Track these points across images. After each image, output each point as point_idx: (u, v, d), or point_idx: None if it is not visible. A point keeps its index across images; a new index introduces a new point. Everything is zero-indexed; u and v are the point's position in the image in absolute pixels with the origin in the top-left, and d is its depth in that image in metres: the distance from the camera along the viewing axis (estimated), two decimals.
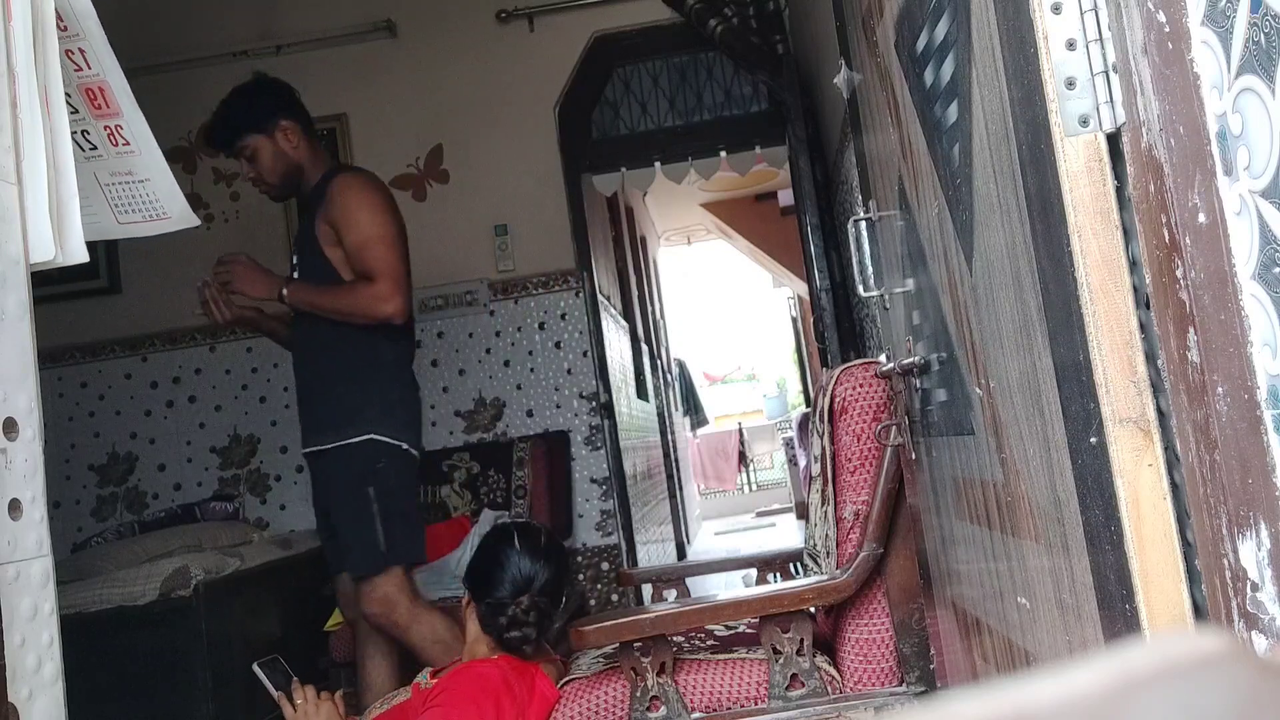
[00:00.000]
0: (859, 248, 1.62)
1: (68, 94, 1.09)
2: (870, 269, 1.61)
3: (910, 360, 1.44)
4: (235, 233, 4.19)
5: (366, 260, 2.45)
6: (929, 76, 1.15)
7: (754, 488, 10.14)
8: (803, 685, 1.72)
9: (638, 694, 1.71)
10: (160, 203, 1.29)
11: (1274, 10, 0.53)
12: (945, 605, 1.51)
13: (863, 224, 1.63)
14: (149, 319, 4.16)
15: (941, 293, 1.23)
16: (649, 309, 6.74)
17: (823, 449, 1.84)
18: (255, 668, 1.81)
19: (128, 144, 1.24)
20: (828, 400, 1.81)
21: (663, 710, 1.71)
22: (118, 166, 1.25)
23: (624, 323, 5.29)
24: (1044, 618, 0.99)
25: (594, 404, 4.07)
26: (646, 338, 6.24)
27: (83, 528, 4.03)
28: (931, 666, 1.69)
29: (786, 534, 6.93)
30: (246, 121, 2.56)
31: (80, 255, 1.12)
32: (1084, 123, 0.76)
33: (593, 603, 4.01)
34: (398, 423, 2.48)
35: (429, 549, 2.70)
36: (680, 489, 6.72)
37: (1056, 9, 0.76)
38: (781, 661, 1.72)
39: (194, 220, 1.31)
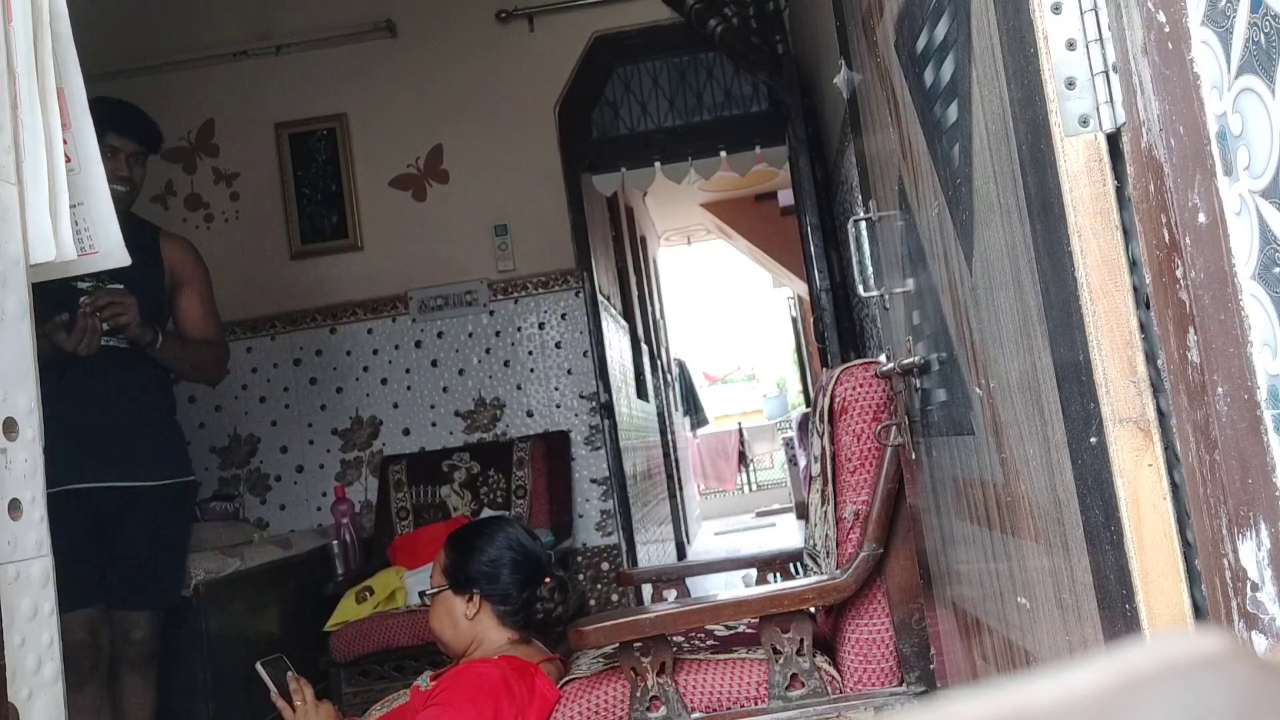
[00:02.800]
0: (859, 248, 1.62)
1: None
2: (870, 269, 1.61)
3: (910, 360, 1.44)
4: (235, 232, 4.19)
5: (207, 323, 2.75)
6: (929, 76, 1.15)
7: (754, 488, 10.14)
8: (803, 685, 1.72)
9: (638, 694, 1.71)
10: (90, 232, 1.11)
11: (1274, 10, 0.53)
12: (945, 605, 1.51)
13: (863, 224, 1.63)
14: None
15: (941, 293, 1.23)
16: (649, 309, 6.75)
17: (823, 449, 1.84)
18: (258, 666, 1.81)
19: (69, 160, 1.07)
20: (828, 400, 1.81)
21: (663, 710, 1.71)
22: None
23: (624, 323, 5.29)
24: (1044, 618, 0.99)
25: (594, 404, 4.07)
26: (646, 338, 6.24)
27: None
28: (931, 666, 1.69)
29: (786, 534, 6.93)
30: (159, 140, 2.71)
31: (122, 258, 1.11)
32: (1084, 123, 0.76)
33: (593, 603, 4.01)
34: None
35: (429, 549, 2.70)
36: (680, 489, 6.72)
37: (1056, 9, 0.76)
38: (781, 661, 1.72)
39: (124, 259, 1.13)
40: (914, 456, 1.57)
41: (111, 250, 1.12)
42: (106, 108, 2.48)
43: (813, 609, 1.79)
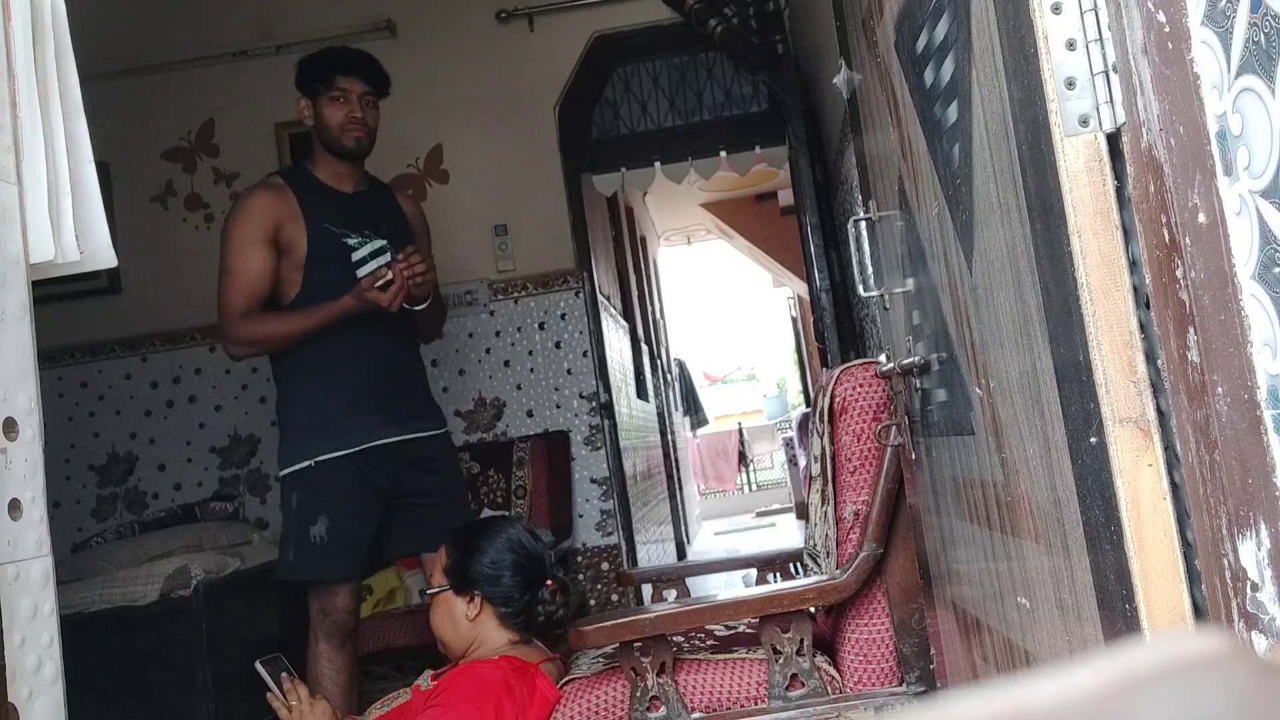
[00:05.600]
0: (859, 248, 1.62)
1: None
2: (870, 269, 1.61)
3: (910, 360, 1.44)
4: None
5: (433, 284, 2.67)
6: (929, 76, 1.15)
7: (754, 488, 10.14)
8: (803, 685, 1.72)
9: (638, 694, 1.71)
10: (78, 232, 1.08)
11: (1274, 10, 0.53)
12: (945, 605, 1.51)
13: (863, 224, 1.63)
14: (149, 319, 4.16)
15: (941, 293, 1.23)
16: (649, 309, 6.74)
17: (823, 449, 1.84)
18: (257, 665, 1.81)
19: None
20: (828, 400, 1.81)
21: (663, 710, 1.71)
22: None
23: (624, 323, 5.28)
24: (1044, 618, 0.99)
25: (594, 404, 4.07)
26: (646, 338, 6.24)
27: (83, 528, 4.03)
28: (931, 666, 1.69)
29: (786, 534, 6.93)
30: (389, 85, 2.69)
31: (108, 259, 1.11)
32: (1084, 123, 0.76)
33: (593, 603, 4.01)
34: None
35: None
36: (680, 489, 6.72)
37: (1056, 9, 0.76)
38: (781, 661, 1.72)
39: (111, 260, 1.11)
40: (914, 456, 1.57)
41: (98, 251, 1.10)
42: (331, 53, 2.60)
43: (813, 609, 1.79)
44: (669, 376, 7.55)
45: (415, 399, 2.61)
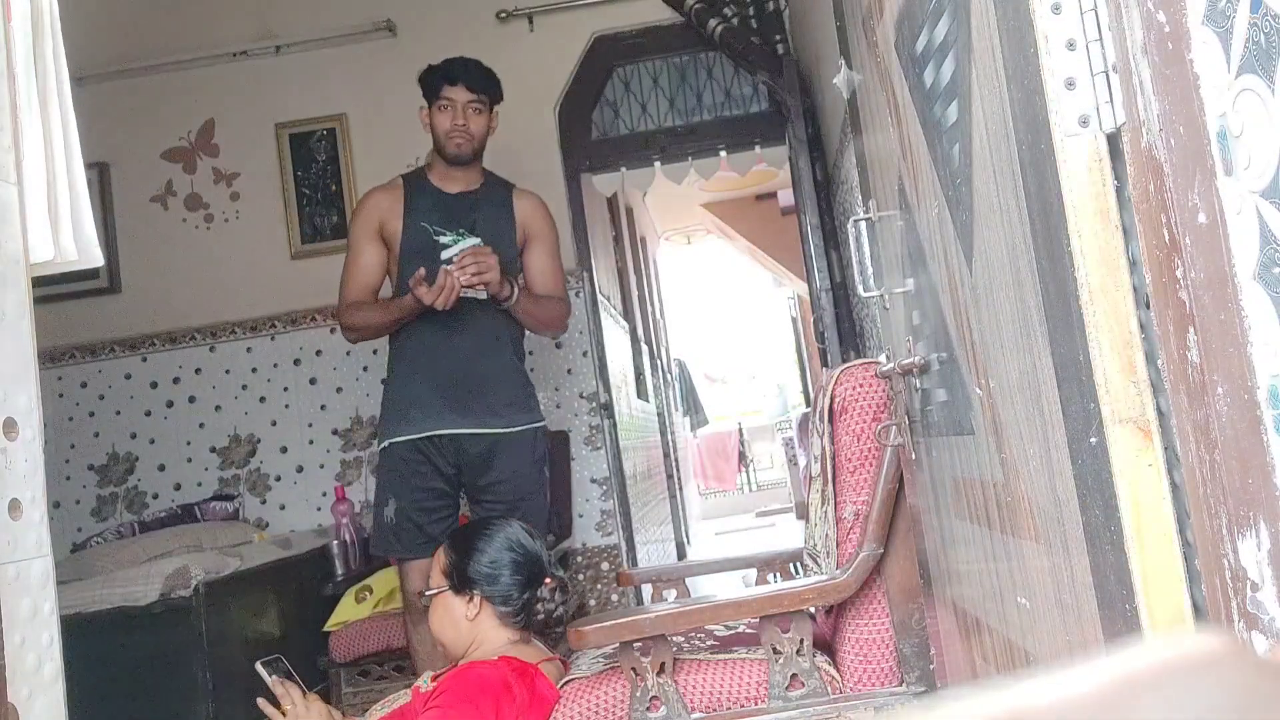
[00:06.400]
0: (859, 248, 1.62)
1: None
2: (870, 269, 1.61)
3: (910, 360, 1.44)
4: (235, 232, 4.19)
5: (557, 279, 2.83)
6: (929, 76, 1.15)
7: (754, 488, 10.13)
8: (803, 685, 1.71)
9: (638, 694, 1.71)
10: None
11: (1274, 10, 0.53)
12: (945, 605, 1.51)
13: (863, 224, 1.63)
14: (149, 319, 4.16)
15: (941, 293, 1.23)
16: (649, 309, 6.74)
17: (823, 449, 1.84)
18: (258, 666, 1.81)
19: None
20: (828, 400, 1.81)
21: (663, 710, 1.71)
22: None
23: (624, 323, 5.28)
24: (1044, 618, 0.99)
25: (594, 404, 4.07)
26: (646, 338, 6.24)
27: (83, 528, 4.03)
28: (931, 666, 1.69)
29: (786, 534, 6.93)
30: (498, 88, 2.79)
31: (95, 258, 1.11)
32: (1084, 123, 0.76)
33: (593, 603, 4.01)
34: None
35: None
36: (680, 489, 6.72)
37: (1056, 9, 0.76)
38: (781, 661, 1.72)
39: (98, 259, 1.10)
40: (914, 456, 1.57)
41: (86, 249, 1.10)
42: (444, 64, 2.75)
43: (813, 609, 1.79)
44: (669, 376, 7.55)
45: (489, 395, 2.70)
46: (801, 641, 1.72)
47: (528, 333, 2.87)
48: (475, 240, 2.65)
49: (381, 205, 2.76)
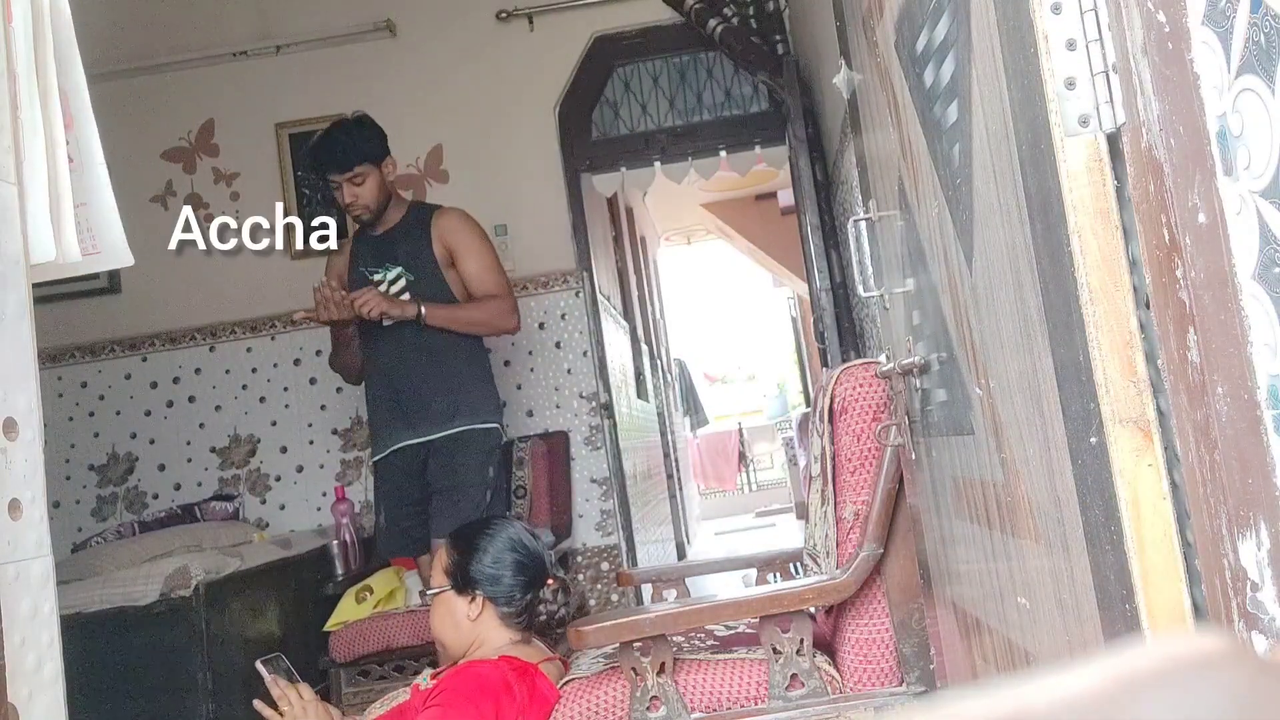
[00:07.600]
0: (859, 248, 1.62)
1: None
2: (870, 269, 1.61)
3: (910, 360, 1.44)
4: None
5: (488, 279, 2.99)
6: (929, 76, 1.15)
7: (754, 488, 10.13)
8: (802, 685, 1.71)
9: (638, 694, 1.71)
10: (94, 233, 1.10)
11: (1274, 10, 0.53)
12: (945, 605, 1.51)
13: (863, 224, 1.63)
14: (149, 319, 4.16)
15: (941, 293, 1.23)
16: (649, 309, 6.74)
17: (823, 449, 1.84)
18: (259, 665, 1.81)
19: (71, 160, 1.06)
20: (828, 400, 1.81)
21: (663, 710, 1.71)
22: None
23: (624, 323, 5.28)
24: (1044, 618, 0.99)
25: (594, 404, 4.07)
26: (646, 338, 6.24)
27: (83, 528, 4.03)
28: (931, 666, 1.69)
29: (786, 534, 6.93)
30: (366, 151, 2.95)
31: (124, 259, 1.11)
32: (1084, 123, 0.76)
33: (593, 603, 4.01)
34: (498, 410, 3.10)
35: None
36: (680, 489, 6.72)
37: (1056, 9, 0.76)
38: (781, 661, 1.72)
39: (128, 259, 1.13)
40: (914, 456, 1.57)
41: (114, 249, 1.12)
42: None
43: (812, 609, 1.79)
44: (669, 376, 7.55)
45: (428, 405, 2.92)
46: (801, 641, 1.72)
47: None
48: (397, 270, 2.96)
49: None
